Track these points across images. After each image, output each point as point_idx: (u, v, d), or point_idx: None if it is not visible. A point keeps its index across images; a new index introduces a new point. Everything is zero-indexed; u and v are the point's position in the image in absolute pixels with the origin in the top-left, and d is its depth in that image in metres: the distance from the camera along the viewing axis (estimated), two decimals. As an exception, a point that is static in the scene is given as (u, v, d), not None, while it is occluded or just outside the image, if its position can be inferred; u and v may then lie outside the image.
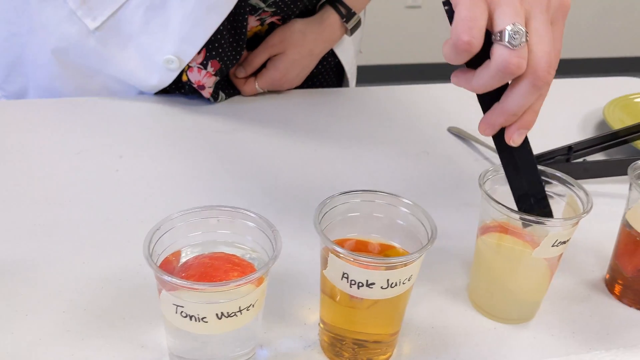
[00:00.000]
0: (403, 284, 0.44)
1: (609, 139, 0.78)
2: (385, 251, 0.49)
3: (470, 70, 0.47)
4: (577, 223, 0.50)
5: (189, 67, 0.84)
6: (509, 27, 0.44)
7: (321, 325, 0.50)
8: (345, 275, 0.44)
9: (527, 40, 0.45)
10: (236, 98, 0.92)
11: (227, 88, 0.91)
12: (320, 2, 0.91)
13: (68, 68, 0.86)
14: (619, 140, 0.79)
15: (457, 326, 0.54)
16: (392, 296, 0.44)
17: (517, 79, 0.46)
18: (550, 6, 0.47)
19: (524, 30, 0.44)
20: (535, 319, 0.55)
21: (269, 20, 0.89)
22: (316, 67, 0.96)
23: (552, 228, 0.48)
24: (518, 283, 0.53)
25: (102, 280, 0.55)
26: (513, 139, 0.48)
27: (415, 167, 0.78)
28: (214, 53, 0.83)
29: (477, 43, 0.44)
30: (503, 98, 0.47)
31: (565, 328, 0.55)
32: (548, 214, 0.51)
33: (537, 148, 0.58)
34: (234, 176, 0.72)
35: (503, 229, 0.51)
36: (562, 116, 0.94)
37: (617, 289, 0.58)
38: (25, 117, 0.83)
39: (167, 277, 0.39)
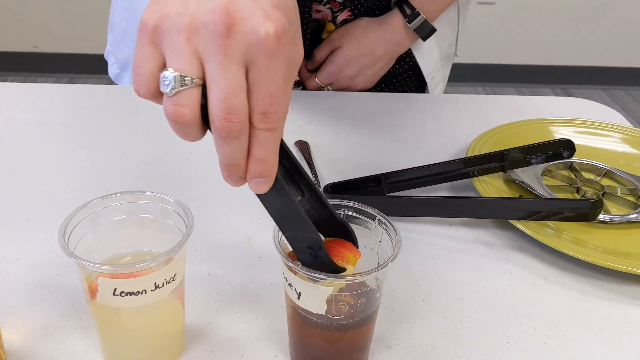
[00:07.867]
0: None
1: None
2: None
3: None
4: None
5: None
6: (162, 74, 0.40)
7: None
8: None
9: (194, 84, 0.39)
10: (297, 93, 0.94)
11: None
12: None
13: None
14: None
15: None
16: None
17: None
18: (233, 45, 0.38)
19: (174, 75, 0.39)
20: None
21: (341, 18, 0.90)
22: (394, 67, 0.95)
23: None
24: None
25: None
26: (255, 188, 0.43)
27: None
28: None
29: (144, 90, 0.41)
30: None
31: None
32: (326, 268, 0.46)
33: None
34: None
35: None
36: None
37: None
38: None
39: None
